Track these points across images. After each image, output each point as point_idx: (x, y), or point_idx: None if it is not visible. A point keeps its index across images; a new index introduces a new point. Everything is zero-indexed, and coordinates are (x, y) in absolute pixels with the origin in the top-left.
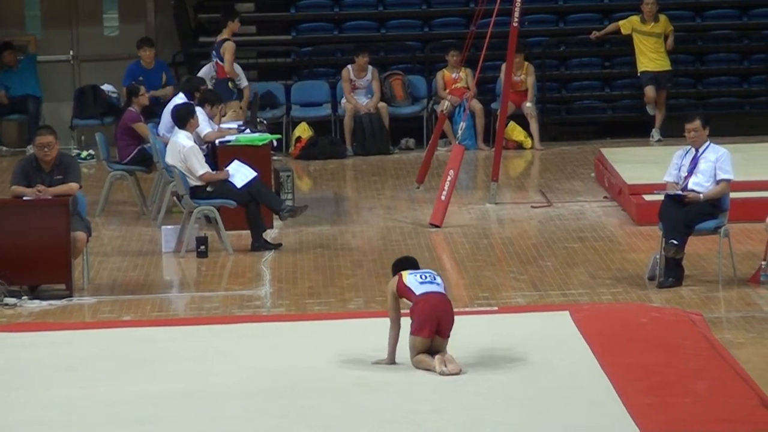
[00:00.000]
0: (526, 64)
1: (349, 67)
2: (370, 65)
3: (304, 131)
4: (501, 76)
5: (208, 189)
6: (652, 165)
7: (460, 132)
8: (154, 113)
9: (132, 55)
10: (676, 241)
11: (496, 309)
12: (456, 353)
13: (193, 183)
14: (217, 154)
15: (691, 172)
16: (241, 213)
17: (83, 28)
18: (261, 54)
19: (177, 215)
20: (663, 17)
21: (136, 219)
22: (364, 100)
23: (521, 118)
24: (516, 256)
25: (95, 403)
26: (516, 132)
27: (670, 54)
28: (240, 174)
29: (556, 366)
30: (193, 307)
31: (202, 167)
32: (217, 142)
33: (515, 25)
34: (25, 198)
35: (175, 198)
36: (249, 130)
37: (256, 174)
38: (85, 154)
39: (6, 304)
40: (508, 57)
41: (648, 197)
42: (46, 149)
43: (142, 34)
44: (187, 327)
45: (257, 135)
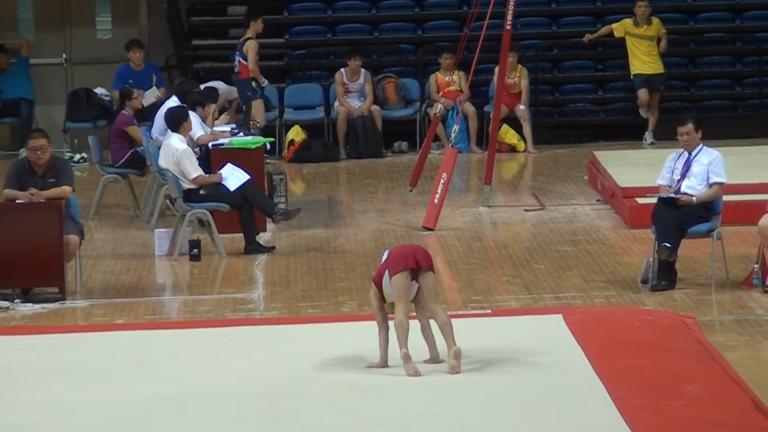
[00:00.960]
0: (519, 67)
1: (342, 70)
2: (363, 68)
3: (297, 134)
4: (494, 79)
5: (201, 192)
6: (645, 168)
7: (453, 135)
8: (146, 116)
9: (125, 58)
10: (669, 244)
11: (490, 312)
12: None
13: (186, 186)
14: (210, 157)
15: (684, 175)
16: (234, 216)
17: (76, 31)
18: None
19: (170, 218)
20: (656, 20)
21: (129, 222)
22: (357, 103)
23: (514, 121)
24: (509, 259)
25: (87, 405)
26: (509, 135)
27: (663, 57)
28: (233, 177)
29: (549, 369)
30: (186, 310)
31: (195, 170)
32: (210, 145)
33: (508, 27)
34: (18, 201)
35: (168, 201)
36: (242, 133)
37: (249, 177)
38: (78, 157)
39: None
40: (501, 60)
41: (641, 200)
42: (39, 152)
43: (135, 37)
44: (179, 330)
45: (250, 138)
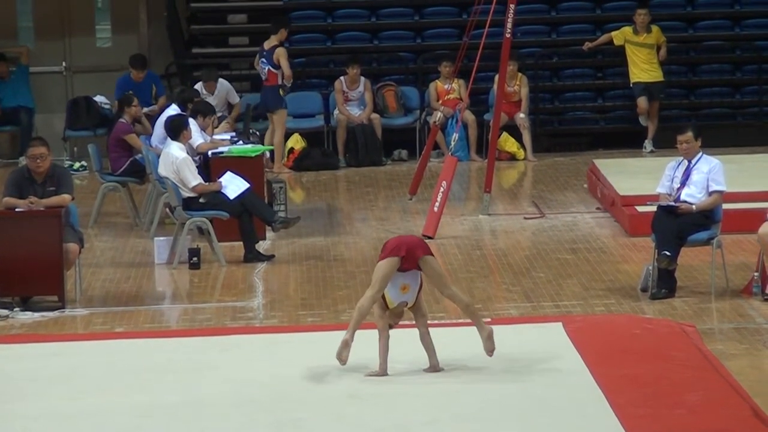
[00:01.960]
0: (519, 75)
1: (342, 78)
2: (363, 76)
3: (296, 142)
4: (494, 87)
5: (201, 200)
6: (644, 176)
7: (452, 143)
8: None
9: (125, 66)
10: (668, 253)
11: (489, 320)
12: (448, 365)
13: (186, 194)
14: (209, 166)
15: (683, 184)
16: (234, 224)
17: (76, 40)
18: (254, 65)
19: (169, 227)
20: (655, 28)
21: (129, 230)
22: (357, 112)
23: (514, 129)
24: (509, 268)
25: (86, 414)
26: (509, 143)
27: (662, 65)
28: (233, 185)
29: (548, 377)
30: (185, 319)
31: (194, 178)
32: (209, 153)
33: (508, 36)
34: (17, 209)
35: (167, 209)
36: (242, 142)
37: (248, 185)
38: (77, 165)
39: None
40: (501, 68)
41: (641, 208)
42: (39, 160)
43: (135, 46)
44: (179, 338)
45: (250, 146)
